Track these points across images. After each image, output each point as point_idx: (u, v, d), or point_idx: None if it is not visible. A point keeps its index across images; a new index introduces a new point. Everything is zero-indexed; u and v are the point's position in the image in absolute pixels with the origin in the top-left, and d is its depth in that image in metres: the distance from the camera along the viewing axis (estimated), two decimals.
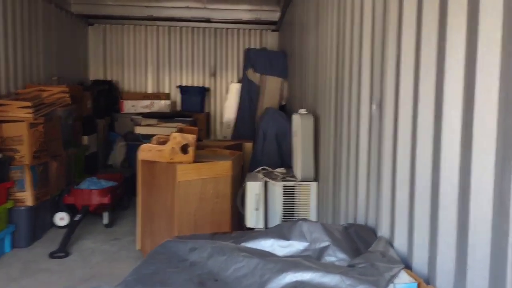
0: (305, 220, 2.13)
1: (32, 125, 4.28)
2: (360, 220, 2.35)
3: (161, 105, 7.68)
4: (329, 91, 3.20)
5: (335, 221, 2.98)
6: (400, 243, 1.81)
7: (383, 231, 1.98)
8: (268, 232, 2.17)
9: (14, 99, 4.71)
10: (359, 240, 2.08)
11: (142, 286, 1.53)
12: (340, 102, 2.82)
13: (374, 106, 2.15)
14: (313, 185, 3.69)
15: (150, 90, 8.23)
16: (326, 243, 1.99)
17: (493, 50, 1.20)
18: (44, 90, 5.14)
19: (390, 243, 1.88)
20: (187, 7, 7.19)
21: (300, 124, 3.69)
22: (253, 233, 2.27)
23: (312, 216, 3.67)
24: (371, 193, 2.18)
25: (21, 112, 4.32)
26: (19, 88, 5.27)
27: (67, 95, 5.18)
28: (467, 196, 1.32)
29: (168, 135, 4.12)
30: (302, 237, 2.05)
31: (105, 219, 4.98)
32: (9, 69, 5.08)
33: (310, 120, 3.68)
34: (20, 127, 4.18)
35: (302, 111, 3.86)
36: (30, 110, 4.34)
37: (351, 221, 2.56)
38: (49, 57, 6.21)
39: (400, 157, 1.78)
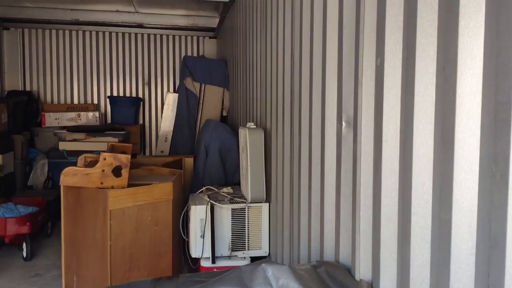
0: (269, 262, 1.77)
1: None
2: (329, 256, 2.04)
3: (89, 117, 6.98)
4: (281, 104, 2.88)
5: (292, 249, 2.66)
6: None
7: (362, 272, 1.68)
8: (224, 279, 1.78)
9: None
10: (332, 282, 1.76)
11: None
12: (296, 116, 2.51)
13: (343, 124, 1.85)
14: (265, 206, 3.35)
15: (76, 101, 7.47)
16: None
17: None
18: None
19: None
20: (117, 11, 6.61)
21: (249, 139, 3.35)
22: (206, 281, 1.87)
23: (265, 242, 3.33)
24: (343, 225, 1.87)
25: None
26: None
27: None
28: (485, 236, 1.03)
29: (97, 153, 3.59)
30: (267, 284, 1.69)
31: (24, 251, 4.30)
32: None
33: (260, 135, 3.35)
34: None
35: (251, 124, 3.52)
36: None
37: (314, 252, 2.25)
38: None
39: (386, 189, 1.48)
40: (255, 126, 3.48)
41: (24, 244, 4.29)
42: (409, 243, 1.35)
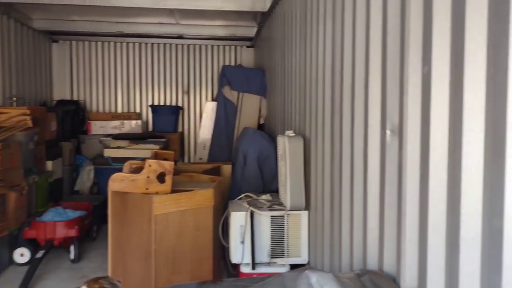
0: (312, 269, 1.79)
1: None
2: (372, 264, 2.03)
3: (132, 125, 7.23)
4: (322, 111, 2.90)
5: (333, 259, 2.65)
6: None
7: (408, 281, 1.66)
8: (268, 284, 1.82)
9: None
10: None
11: None
12: (338, 124, 2.52)
13: (388, 132, 1.85)
14: (304, 214, 3.36)
15: (120, 110, 7.77)
16: None
17: None
18: (1, 113, 4.65)
19: None
20: (160, 23, 6.83)
21: (288, 147, 3.38)
22: (250, 285, 1.91)
23: (304, 250, 3.33)
24: (387, 234, 1.86)
25: None
26: None
27: (28, 117, 4.70)
28: None
29: (142, 160, 3.72)
30: None
31: (72, 253, 4.49)
32: None
33: (299, 143, 3.37)
34: None
35: (290, 132, 3.55)
36: None
37: (357, 262, 2.24)
38: (8, 76, 5.70)
39: (434, 198, 1.47)
40: (294, 134, 3.51)
41: (72, 247, 4.48)
42: (458, 252, 1.33)
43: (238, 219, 3.37)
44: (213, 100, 7.37)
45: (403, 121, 1.69)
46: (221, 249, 3.69)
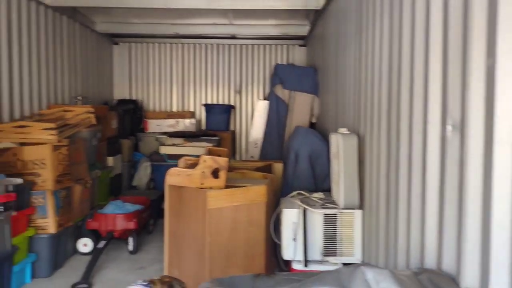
0: (368, 266, 1.78)
1: (55, 148, 4.06)
2: (430, 263, 1.98)
3: (186, 124, 7.45)
4: (378, 109, 2.86)
5: (388, 258, 2.61)
6: None
7: (469, 281, 1.62)
8: (323, 279, 1.82)
9: (37, 120, 4.53)
10: None
11: None
12: (395, 121, 2.48)
13: (449, 128, 1.80)
14: (357, 213, 3.32)
15: (175, 108, 8.04)
16: None
17: None
18: (68, 111, 4.97)
19: None
20: (214, 24, 6.99)
21: (342, 145, 3.35)
22: (303, 280, 1.92)
23: (357, 249, 3.30)
24: (447, 232, 1.81)
25: (44, 134, 4.12)
26: (42, 108, 5.12)
27: (92, 115, 4.99)
28: None
29: (196, 157, 3.84)
30: (366, 287, 1.70)
31: (130, 245, 4.71)
32: (33, 89, 4.94)
33: (353, 141, 3.34)
34: (43, 150, 3.97)
35: (344, 130, 3.53)
36: (53, 132, 4.14)
37: (414, 261, 2.19)
38: (74, 76, 6.08)
39: (498, 195, 1.42)
40: (348, 132, 3.48)
41: (130, 239, 4.70)
42: None
43: (290, 216, 3.39)
44: (264, 99, 7.44)
45: (465, 116, 1.64)
46: (273, 245, 3.73)
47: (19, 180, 3.69)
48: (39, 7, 5.08)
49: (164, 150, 6.28)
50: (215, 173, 3.39)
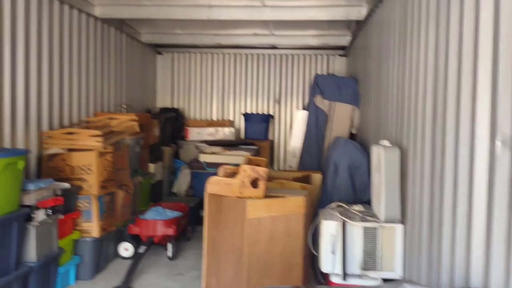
0: (411, 282, 1.73)
1: (101, 154, 4.22)
2: (475, 283, 1.90)
3: (225, 132, 7.55)
4: (422, 122, 2.79)
5: (431, 276, 2.52)
6: None
7: None
8: None
9: (84, 127, 4.73)
10: None
11: None
12: (440, 135, 2.41)
13: (499, 143, 1.74)
14: (399, 227, 3.24)
15: (215, 117, 8.17)
16: None
17: None
18: (113, 118, 5.16)
19: None
20: (254, 34, 7.07)
21: (384, 157, 3.29)
22: None
23: (398, 264, 3.21)
24: (496, 251, 1.74)
25: (91, 140, 4.30)
26: (90, 116, 5.33)
27: (135, 123, 5.16)
28: None
29: (236, 165, 3.87)
30: None
31: (169, 251, 4.80)
32: (81, 97, 5.16)
33: (395, 154, 3.27)
34: (90, 156, 4.13)
35: (385, 142, 3.46)
36: (99, 139, 4.30)
37: (458, 280, 2.11)
38: (119, 85, 6.31)
39: None
40: (390, 145, 3.41)
41: (169, 245, 4.79)
42: None
43: (329, 228, 3.35)
44: (304, 109, 7.42)
45: None
46: (310, 257, 3.70)
47: (66, 185, 3.85)
48: (89, 19, 5.33)
49: (203, 158, 6.38)
50: (254, 183, 3.41)
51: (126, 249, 4.76)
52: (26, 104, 4.08)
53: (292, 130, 7.24)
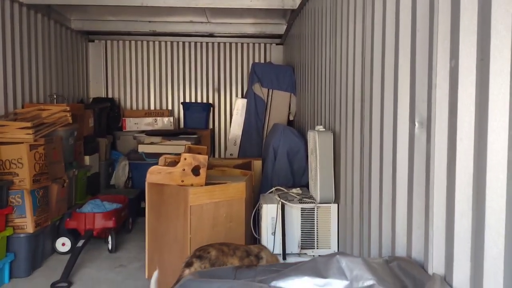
0: (343, 254, 1.88)
1: (32, 147, 4.04)
2: (400, 252, 2.10)
3: (164, 122, 7.46)
4: (351, 106, 2.98)
5: (362, 249, 2.73)
6: (461, 283, 1.56)
7: (435, 266, 1.74)
8: (300, 268, 1.92)
9: (12, 120, 4.48)
10: (405, 277, 1.83)
11: None
12: (367, 118, 2.60)
13: (416, 124, 1.92)
14: (334, 207, 3.45)
15: (153, 107, 8.02)
16: (370, 282, 1.73)
17: None
18: (44, 110, 4.92)
19: (447, 282, 1.64)
20: (191, 22, 7.01)
21: (318, 141, 3.47)
22: (283, 270, 2.02)
23: (333, 241, 3.42)
24: (415, 223, 1.94)
25: (20, 133, 4.09)
26: (18, 107, 5.05)
27: (68, 114, 4.96)
28: None
29: (176, 155, 3.89)
30: (341, 274, 1.80)
31: (110, 244, 4.71)
32: (7, 87, 4.87)
33: (329, 138, 3.46)
34: (20, 149, 3.94)
35: (320, 127, 3.64)
36: (30, 131, 4.11)
37: (385, 249, 2.31)
38: (49, 74, 6.01)
39: (460, 185, 1.55)
40: (324, 129, 3.59)
41: (109, 237, 4.70)
42: (483, 237, 1.41)
43: (269, 211, 3.48)
44: (243, 97, 7.51)
45: (431, 113, 1.76)
46: (253, 240, 3.82)
47: None
48: (14, 5, 5.01)
49: (142, 148, 6.28)
50: (195, 171, 3.46)
51: (63, 244, 4.61)
52: None
53: (232, 118, 7.31)
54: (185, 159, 3.38)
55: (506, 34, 1.32)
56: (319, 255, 3.39)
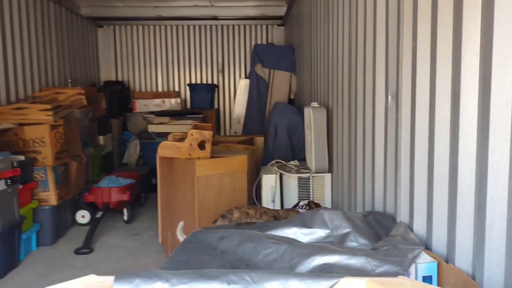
0: (325, 209, 2.23)
1: (53, 127, 4.41)
2: (378, 208, 2.45)
3: (172, 103, 7.80)
4: (341, 84, 3.29)
5: (351, 210, 3.08)
6: (419, 227, 1.91)
7: (402, 217, 2.08)
8: (290, 221, 2.28)
9: (32, 103, 4.85)
10: (378, 226, 2.18)
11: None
12: (353, 94, 2.91)
13: (389, 98, 2.24)
14: (327, 176, 3.79)
15: (160, 89, 8.36)
16: (347, 230, 2.09)
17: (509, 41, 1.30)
18: (60, 93, 5.28)
19: (409, 227, 1.98)
20: (195, 6, 7.28)
21: (312, 117, 3.79)
22: (276, 222, 2.38)
23: (327, 206, 3.77)
24: (389, 182, 2.27)
25: (41, 114, 4.46)
26: (35, 91, 5.41)
27: (83, 97, 5.31)
28: (485, 180, 1.42)
29: (183, 132, 4.23)
30: (323, 224, 2.15)
31: (125, 215, 5.11)
32: (25, 73, 5.22)
33: (322, 113, 3.78)
34: (42, 129, 4.31)
35: (314, 104, 3.96)
36: (50, 113, 4.47)
37: (368, 209, 2.66)
38: (62, 59, 6.34)
39: (418, 146, 1.87)
40: (318, 105, 3.91)
41: (124, 210, 5.11)
42: (432, 185, 1.74)
43: (269, 181, 3.84)
44: (246, 77, 7.81)
45: (399, 88, 2.08)
46: None
47: (22, 157, 4.04)
48: None
49: (152, 128, 6.64)
50: (201, 145, 3.81)
51: (83, 216, 5.02)
52: None
53: (236, 98, 7.63)
54: (192, 134, 3.73)
55: (448, 20, 1.63)
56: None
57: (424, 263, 1.60)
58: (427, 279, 1.59)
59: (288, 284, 1.16)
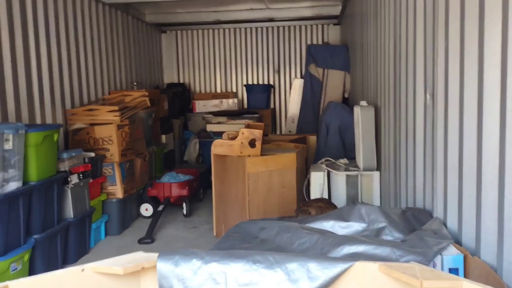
0: (363, 203, 2.33)
1: (119, 127, 4.83)
2: (419, 204, 2.49)
3: (229, 103, 8.11)
4: (388, 83, 3.32)
5: (396, 207, 3.11)
6: (452, 221, 1.95)
7: (438, 212, 2.12)
8: (329, 214, 2.40)
9: (101, 104, 5.32)
10: (415, 222, 2.24)
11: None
12: (398, 93, 2.95)
13: (428, 96, 2.28)
14: (375, 174, 3.83)
15: (219, 90, 8.72)
16: (383, 224, 2.17)
17: None
18: (126, 95, 5.73)
19: (444, 223, 2.03)
20: (251, 9, 7.51)
21: (361, 115, 3.84)
22: (315, 216, 2.51)
23: (375, 203, 3.81)
24: (427, 178, 2.31)
25: (109, 115, 4.89)
26: (105, 94, 5.92)
27: (147, 98, 5.72)
28: (503, 174, 1.47)
29: (237, 131, 4.46)
30: (360, 218, 2.25)
31: (184, 209, 5.45)
32: (96, 77, 5.74)
33: (370, 112, 3.82)
34: (110, 129, 4.74)
35: (363, 103, 4.01)
36: (117, 114, 4.90)
37: (410, 204, 2.70)
38: (129, 64, 6.85)
39: (450, 143, 1.92)
40: (366, 104, 3.95)
41: (184, 204, 5.45)
42: (462, 181, 1.79)
43: (317, 178, 3.95)
44: (301, 77, 7.92)
45: (435, 86, 2.13)
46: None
47: (92, 154, 4.48)
48: (98, 5, 5.84)
49: (210, 128, 6.97)
50: (252, 143, 4.01)
51: (146, 209, 5.43)
52: (51, 86, 4.66)
53: (291, 98, 7.77)
54: (243, 133, 3.94)
55: (475, 22, 1.68)
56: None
57: (450, 256, 1.66)
58: (453, 271, 1.65)
59: (307, 265, 1.31)
